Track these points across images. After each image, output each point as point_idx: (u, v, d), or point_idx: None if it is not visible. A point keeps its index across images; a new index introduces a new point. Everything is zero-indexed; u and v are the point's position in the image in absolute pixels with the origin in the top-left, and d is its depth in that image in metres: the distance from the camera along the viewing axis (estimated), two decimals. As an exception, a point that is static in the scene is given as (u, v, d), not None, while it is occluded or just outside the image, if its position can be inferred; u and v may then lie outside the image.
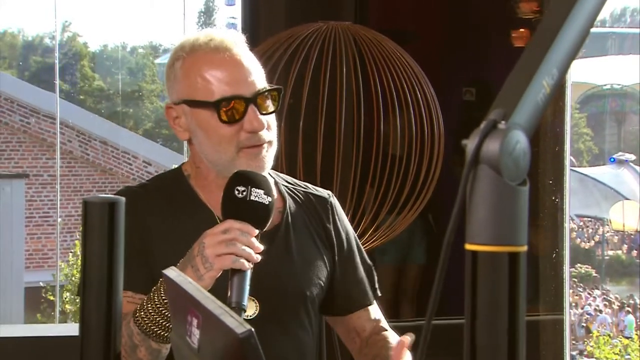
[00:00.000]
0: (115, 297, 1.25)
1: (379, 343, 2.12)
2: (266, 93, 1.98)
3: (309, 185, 2.20)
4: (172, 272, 1.39)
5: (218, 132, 1.96)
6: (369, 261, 2.24)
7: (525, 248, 0.96)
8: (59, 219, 9.51)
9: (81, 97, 12.23)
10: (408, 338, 1.90)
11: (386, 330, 2.18)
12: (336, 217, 2.17)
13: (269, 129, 1.99)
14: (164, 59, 14.01)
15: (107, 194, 1.37)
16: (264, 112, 1.97)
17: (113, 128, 11.36)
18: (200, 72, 1.97)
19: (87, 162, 10.74)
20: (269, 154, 2.00)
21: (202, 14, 14.16)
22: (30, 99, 10.54)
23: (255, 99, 1.96)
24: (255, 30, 2.03)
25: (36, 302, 9.89)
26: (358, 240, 2.25)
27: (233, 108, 1.95)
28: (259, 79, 1.99)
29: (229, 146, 1.96)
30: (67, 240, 10.26)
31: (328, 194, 2.20)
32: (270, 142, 1.99)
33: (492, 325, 0.95)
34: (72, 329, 1.97)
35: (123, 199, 1.28)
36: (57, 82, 7.31)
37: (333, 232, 2.14)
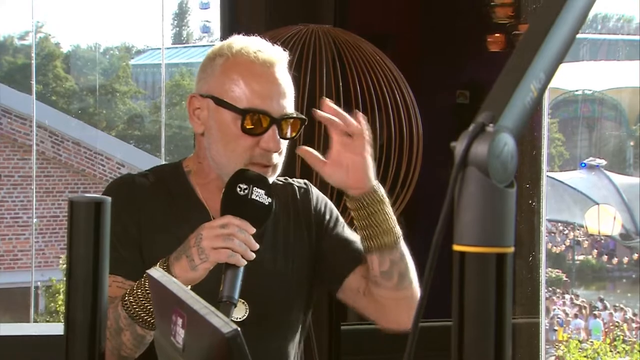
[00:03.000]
0: (101, 297, 1.25)
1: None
2: (292, 119, 2.01)
3: (287, 178, 2.21)
4: (156, 273, 1.40)
5: (234, 139, 1.98)
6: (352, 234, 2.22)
7: (512, 249, 0.97)
8: (35, 220, 9.46)
9: (53, 97, 12.17)
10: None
11: None
12: (315, 199, 2.18)
13: (280, 154, 2.01)
14: (138, 60, 13.98)
15: (81, 195, 1.37)
16: (283, 136, 2.00)
17: (86, 129, 11.32)
18: (239, 77, 1.98)
19: (60, 163, 10.69)
20: (271, 178, 2.01)
21: (175, 15, 14.14)
22: (2, 99, 10.48)
23: (280, 121, 1.98)
24: (235, 32, 2.03)
25: (7, 304, 9.83)
26: (339, 216, 2.24)
27: (257, 121, 1.97)
28: (289, 103, 2.01)
29: (240, 157, 1.98)
30: (39, 241, 10.21)
31: (305, 183, 2.22)
32: (275, 167, 2.02)
33: (479, 325, 0.96)
34: (45, 328, 1.97)
35: (109, 198, 1.29)
36: (34, 83, 7.28)
37: (314, 213, 2.16)
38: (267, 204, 1.85)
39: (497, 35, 5.37)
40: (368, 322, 2.24)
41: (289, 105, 2.01)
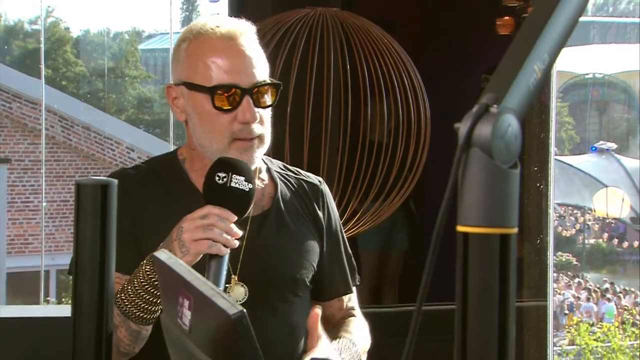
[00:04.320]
0: (108, 278, 1.25)
1: (337, 328, 2.14)
2: (265, 87, 1.98)
3: (301, 171, 2.21)
4: (163, 255, 1.40)
5: (212, 119, 1.97)
6: (349, 250, 2.25)
7: (516, 230, 0.97)
8: (45, 204, 9.49)
9: (63, 82, 12.19)
10: (319, 309, 1.91)
11: (354, 316, 2.20)
12: (326, 204, 2.18)
13: (262, 123, 1.99)
14: (147, 45, 13.99)
15: (88, 177, 1.38)
16: (260, 105, 1.98)
17: (96, 113, 11.34)
18: (202, 57, 1.97)
19: (70, 148, 10.72)
20: (260, 149, 2.00)
21: (184, 0, 14.12)
22: (12, 83, 10.49)
23: (251, 91, 1.96)
24: (242, 15, 2.03)
25: (18, 287, 9.87)
26: (342, 229, 2.26)
27: (228, 96, 1.96)
28: (260, 71, 1.99)
29: (221, 136, 1.97)
30: (49, 225, 10.24)
31: (319, 181, 2.21)
32: (261, 137, 1.99)
33: (483, 305, 0.96)
34: (53, 310, 1.98)
35: (115, 181, 1.29)
36: (43, 67, 7.29)
37: (323, 219, 2.16)
38: (247, 190, 1.83)
39: (506, 18, 5.35)
40: (374, 305, 2.26)
41: (259, 73, 1.98)
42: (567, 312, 11.30)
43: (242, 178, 1.83)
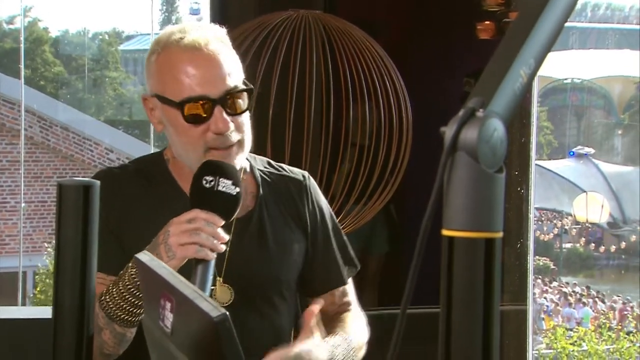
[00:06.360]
0: (89, 280, 1.25)
1: (332, 323, 2.12)
2: (237, 93, 1.95)
3: (284, 167, 2.19)
4: (144, 256, 1.39)
5: (185, 131, 1.94)
6: (344, 239, 2.23)
7: (501, 234, 0.97)
8: (23, 205, 9.44)
9: (42, 82, 12.14)
10: (316, 306, 1.89)
11: (348, 311, 2.19)
12: (311, 199, 2.16)
13: (239, 129, 1.96)
14: (127, 45, 13.95)
15: (70, 178, 1.36)
16: (234, 112, 1.94)
17: (75, 114, 11.31)
18: (170, 70, 1.94)
19: (49, 148, 10.67)
20: (239, 155, 1.97)
21: (164, 1, 14.09)
22: (-10, 83, 10.45)
23: (222, 100, 1.93)
24: (225, 18, 2.02)
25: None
26: (335, 219, 2.24)
27: (198, 109, 1.92)
28: (231, 77, 1.95)
29: (196, 146, 1.94)
30: (27, 226, 10.20)
31: (303, 176, 2.19)
32: (239, 142, 1.96)
33: (467, 309, 0.96)
34: (33, 311, 1.97)
35: (98, 182, 1.28)
36: (22, 67, 7.25)
37: (307, 214, 2.14)
38: (234, 194, 1.81)
39: (487, 22, 5.36)
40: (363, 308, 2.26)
41: (230, 79, 1.94)
42: (543, 316, 11.35)
43: (230, 182, 1.81)
